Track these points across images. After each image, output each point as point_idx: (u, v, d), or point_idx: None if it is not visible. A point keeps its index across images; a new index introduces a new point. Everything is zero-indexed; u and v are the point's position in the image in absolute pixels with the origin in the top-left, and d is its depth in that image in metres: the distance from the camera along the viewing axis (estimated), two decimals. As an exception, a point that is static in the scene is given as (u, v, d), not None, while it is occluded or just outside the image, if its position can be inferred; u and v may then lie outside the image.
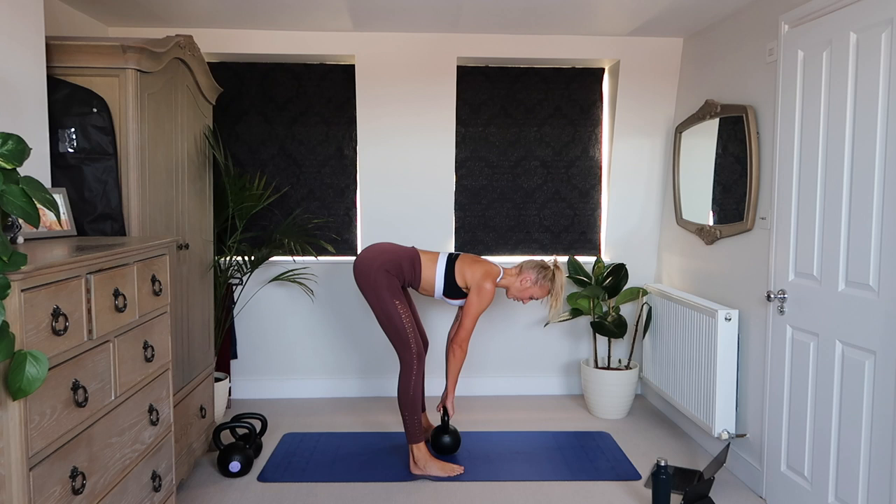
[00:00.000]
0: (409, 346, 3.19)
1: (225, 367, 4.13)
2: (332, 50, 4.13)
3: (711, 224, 3.62)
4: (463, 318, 3.28)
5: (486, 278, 3.27)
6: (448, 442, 3.41)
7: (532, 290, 3.37)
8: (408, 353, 3.19)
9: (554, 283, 3.36)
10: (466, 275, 3.30)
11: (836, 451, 2.58)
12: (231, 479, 3.21)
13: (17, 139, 1.56)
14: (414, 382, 3.21)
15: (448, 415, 3.42)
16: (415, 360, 3.20)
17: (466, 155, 4.45)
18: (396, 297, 3.18)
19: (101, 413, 1.90)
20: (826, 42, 2.62)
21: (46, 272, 1.61)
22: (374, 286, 3.18)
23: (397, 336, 3.19)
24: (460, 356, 3.31)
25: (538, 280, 3.35)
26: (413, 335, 3.20)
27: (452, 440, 3.42)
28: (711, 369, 3.33)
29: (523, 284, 3.36)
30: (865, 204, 2.40)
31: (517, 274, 3.38)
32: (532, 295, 3.38)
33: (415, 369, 3.20)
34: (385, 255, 3.24)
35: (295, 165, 4.39)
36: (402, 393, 3.21)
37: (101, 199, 2.55)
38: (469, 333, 3.29)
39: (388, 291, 3.17)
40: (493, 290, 3.27)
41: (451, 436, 3.42)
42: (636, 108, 4.28)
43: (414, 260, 3.30)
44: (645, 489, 3.14)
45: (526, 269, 3.38)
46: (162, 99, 2.83)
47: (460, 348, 3.29)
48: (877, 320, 2.35)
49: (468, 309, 3.27)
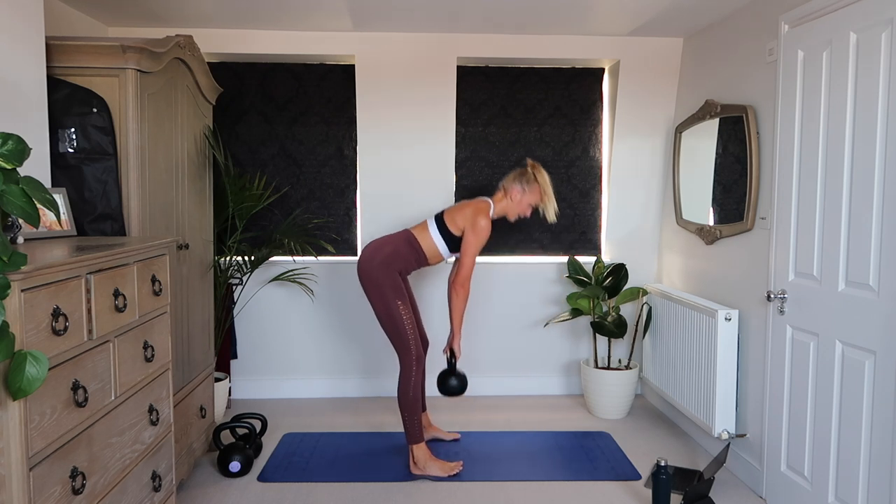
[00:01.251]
0: (409, 348, 3.19)
1: (225, 367, 4.13)
2: (332, 50, 4.13)
3: (711, 224, 3.62)
4: (462, 258, 3.27)
5: (478, 214, 3.26)
6: (455, 385, 3.38)
7: (527, 199, 3.37)
8: (407, 355, 3.19)
9: (539, 182, 3.36)
10: (458, 221, 3.29)
11: (836, 451, 2.58)
12: (231, 479, 3.21)
13: (17, 139, 1.56)
14: (413, 384, 3.21)
15: (455, 357, 3.40)
16: (414, 362, 3.20)
17: (466, 155, 4.45)
18: (399, 298, 3.18)
19: (101, 413, 1.90)
20: (826, 42, 2.62)
21: (46, 272, 1.61)
22: (377, 285, 3.17)
23: (398, 337, 3.18)
24: (463, 296, 3.29)
25: (524, 188, 3.36)
26: (413, 338, 3.20)
27: (459, 383, 3.38)
28: (711, 369, 3.33)
29: (515, 199, 3.37)
30: (865, 204, 2.40)
31: (504, 195, 3.39)
32: (529, 202, 3.39)
33: (414, 371, 3.20)
34: (383, 250, 3.24)
35: (295, 165, 4.39)
36: (401, 394, 3.21)
37: (101, 199, 2.55)
38: (469, 272, 3.27)
39: (392, 291, 3.17)
40: (489, 225, 3.27)
41: (458, 378, 3.39)
42: (636, 108, 4.28)
43: (410, 240, 3.30)
44: (645, 489, 3.14)
45: (509, 185, 3.38)
46: (162, 99, 2.83)
47: (462, 287, 3.28)
48: (877, 320, 2.35)
49: (466, 248, 3.25)
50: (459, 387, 3.39)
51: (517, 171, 3.43)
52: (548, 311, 4.48)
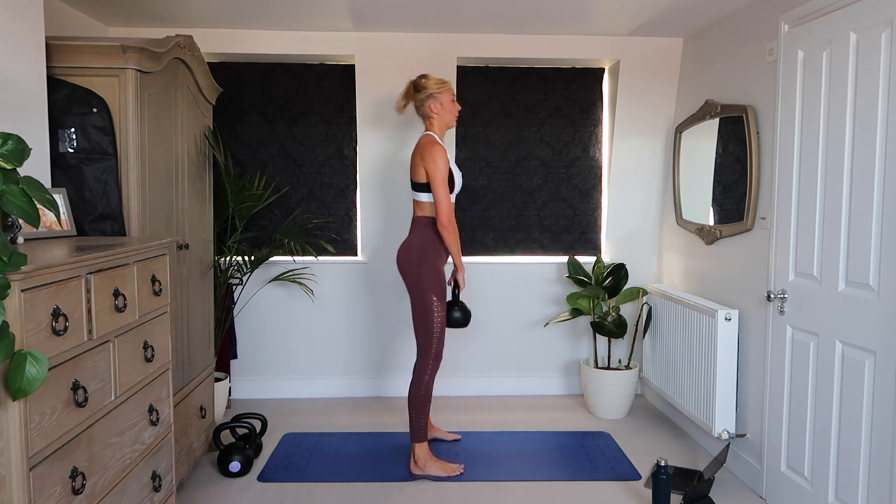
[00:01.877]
0: (431, 344, 3.20)
1: (225, 367, 4.13)
2: (332, 50, 4.13)
3: (711, 224, 3.62)
4: (434, 193, 3.17)
5: (425, 148, 3.19)
6: (458, 316, 3.37)
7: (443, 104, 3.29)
8: (427, 350, 3.21)
9: (433, 83, 3.28)
10: (420, 171, 3.22)
11: (836, 451, 2.58)
12: (231, 479, 3.21)
13: (17, 139, 1.56)
14: (427, 381, 3.22)
15: (458, 288, 3.39)
16: (432, 360, 3.22)
17: (466, 155, 4.45)
18: (436, 294, 3.18)
19: (101, 413, 1.90)
20: (826, 42, 2.62)
21: (46, 272, 1.61)
22: (416, 276, 3.19)
23: (424, 331, 3.20)
24: (452, 231, 3.21)
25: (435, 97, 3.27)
26: (438, 337, 3.21)
27: (463, 314, 3.38)
28: (711, 369, 3.33)
29: (437, 110, 3.29)
30: (865, 204, 2.40)
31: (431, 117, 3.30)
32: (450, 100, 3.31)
33: (429, 369, 3.22)
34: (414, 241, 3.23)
35: (295, 165, 4.39)
36: (413, 390, 3.22)
37: (101, 199, 2.55)
38: (446, 205, 3.17)
39: (430, 285, 3.17)
40: (440, 147, 3.18)
41: (462, 310, 3.38)
42: (636, 108, 4.28)
43: (421, 223, 3.27)
44: (645, 489, 3.14)
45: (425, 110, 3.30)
46: (162, 99, 2.83)
47: (445, 228, 3.19)
48: (877, 320, 2.35)
49: (433, 180, 3.16)
50: (463, 318, 3.38)
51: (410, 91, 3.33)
52: (548, 311, 4.48)
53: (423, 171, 3.20)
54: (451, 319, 3.38)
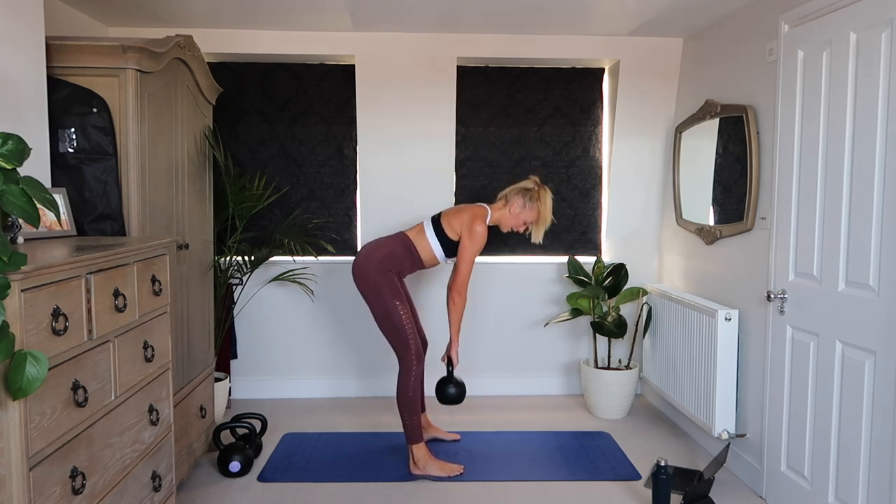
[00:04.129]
0: (409, 345, 3.18)
1: (225, 367, 4.13)
2: (332, 50, 4.13)
3: (711, 224, 3.62)
4: (458, 264, 3.25)
5: (475, 220, 3.24)
6: (453, 393, 3.36)
7: (524, 216, 3.35)
8: (407, 352, 3.19)
9: (542, 203, 3.34)
10: (455, 225, 3.28)
11: (836, 451, 2.58)
12: (231, 479, 3.21)
13: (17, 139, 1.56)
14: (413, 383, 3.20)
15: (452, 365, 3.39)
16: (414, 360, 3.19)
17: (466, 155, 4.45)
18: (396, 297, 3.18)
19: (101, 413, 1.90)
20: (826, 42, 2.62)
21: (46, 272, 1.60)
22: (373, 286, 3.17)
23: (396, 336, 3.18)
24: (460, 303, 3.28)
25: (526, 203, 3.34)
26: (412, 335, 3.19)
27: (457, 391, 3.37)
28: (711, 369, 3.33)
29: (513, 212, 3.34)
30: (865, 204, 2.40)
31: (504, 205, 3.36)
32: (525, 220, 3.37)
33: (414, 369, 3.20)
34: (379, 251, 3.23)
35: (295, 165, 4.39)
36: (401, 393, 3.21)
37: (101, 199, 2.55)
38: (466, 278, 3.25)
39: (388, 291, 3.17)
40: (485, 231, 3.24)
41: (457, 387, 3.37)
42: (636, 108, 4.28)
43: (406, 243, 3.29)
44: (645, 489, 3.14)
45: (511, 196, 3.36)
46: (162, 99, 2.83)
47: (459, 295, 3.26)
48: (877, 320, 2.35)
49: (462, 253, 3.24)
50: (457, 395, 3.38)
51: (523, 185, 3.39)
52: (548, 311, 4.48)
53: (456, 232, 3.26)
54: (446, 396, 3.36)
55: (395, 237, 3.32)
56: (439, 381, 3.41)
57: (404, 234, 3.33)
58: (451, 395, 3.36)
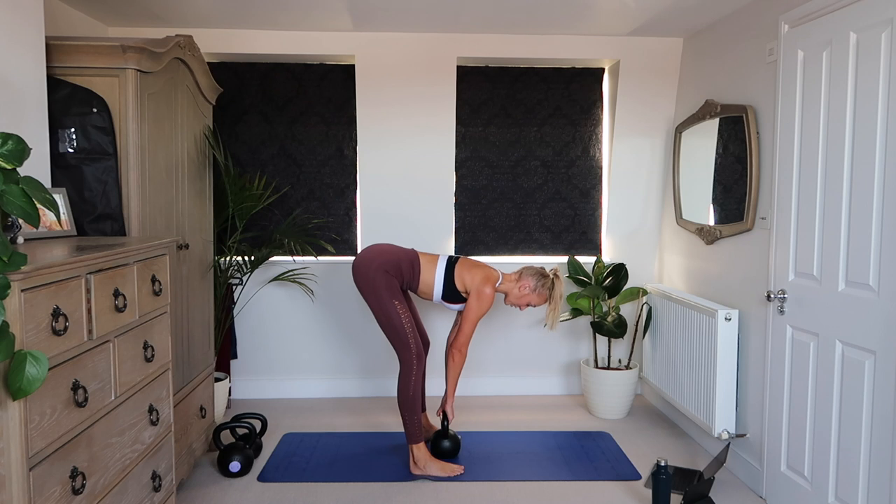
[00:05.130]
0: (409, 346, 3.19)
1: (225, 367, 4.13)
2: (332, 50, 4.13)
3: (711, 224, 3.62)
4: (462, 323, 3.28)
5: (486, 283, 3.26)
6: (448, 447, 3.40)
7: (530, 298, 3.37)
8: (407, 353, 3.19)
9: (553, 293, 3.35)
10: (466, 279, 3.30)
11: (836, 451, 2.58)
12: (231, 479, 3.21)
13: (17, 139, 1.56)
14: (413, 383, 3.20)
15: (448, 419, 3.41)
16: (414, 360, 3.20)
17: (466, 155, 4.45)
18: (396, 298, 3.18)
19: (101, 413, 1.90)
20: (826, 42, 2.62)
21: (46, 272, 1.60)
22: (373, 286, 3.17)
23: (396, 336, 3.18)
24: (460, 361, 3.31)
25: (537, 288, 3.35)
26: (412, 335, 3.19)
27: (452, 445, 3.41)
28: (711, 369, 3.33)
29: (521, 291, 3.36)
30: (865, 204, 2.40)
31: (516, 280, 3.37)
32: (530, 302, 3.38)
33: (414, 369, 3.20)
34: (384, 256, 3.24)
35: (295, 165, 4.39)
36: (401, 393, 3.21)
37: (101, 199, 2.55)
38: (468, 338, 3.28)
39: (388, 291, 3.17)
40: (493, 295, 3.27)
41: (451, 441, 3.41)
42: (636, 108, 4.28)
43: (413, 261, 3.30)
44: (645, 489, 3.14)
45: (525, 275, 3.37)
46: (162, 99, 2.83)
47: (459, 353, 3.29)
48: (877, 320, 2.35)
49: (468, 314, 3.27)
50: (452, 449, 3.42)
51: (541, 269, 3.40)
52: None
53: (465, 286, 3.29)
54: (440, 450, 3.39)
55: (406, 251, 3.32)
56: (435, 433, 3.45)
57: (417, 253, 3.34)
58: (446, 448, 3.40)
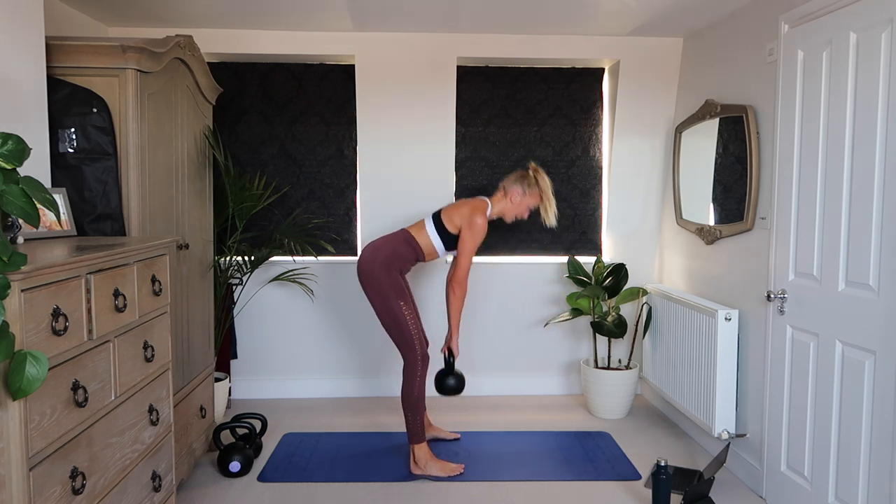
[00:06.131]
0: (414, 347, 3.19)
1: (225, 367, 4.13)
2: (332, 50, 4.13)
3: (712, 224, 3.62)
4: (459, 257, 3.27)
5: (475, 213, 3.26)
6: (453, 384, 3.37)
7: (526, 201, 3.38)
8: (412, 354, 3.19)
9: (540, 186, 3.37)
10: (455, 219, 3.29)
11: (836, 451, 2.58)
12: (231, 479, 3.21)
13: (17, 139, 1.56)
14: (418, 384, 3.21)
15: (453, 356, 3.40)
16: (419, 361, 3.20)
17: (466, 155, 4.45)
18: (401, 298, 3.18)
19: (101, 413, 1.90)
20: (826, 42, 2.62)
21: (46, 272, 1.60)
22: (378, 287, 3.17)
23: (401, 337, 3.18)
24: (460, 294, 3.29)
25: (525, 190, 3.36)
26: (418, 336, 3.20)
27: (457, 382, 3.38)
28: (711, 369, 3.33)
29: (514, 201, 3.37)
30: (865, 204, 2.40)
31: (504, 196, 3.39)
32: (528, 205, 3.40)
33: (419, 370, 3.20)
34: (383, 251, 3.23)
35: (295, 165, 4.39)
36: (405, 393, 3.21)
37: (101, 199, 2.55)
38: (466, 271, 3.26)
39: (393, 291, 3.17)
40: (485, 224, 3.27)
41: (456, 378, 3.38)
42: (636, 108, 4.28)
43: (408, 239, 3.29)
44: (645, 489, 3.14)
45: (510, 186, 3.38)
46: (162, 99, 2.83)
47: (459, 286, 3.28)
48: (877, 320, 2.35)
49: (462, 246, 3.25)
50: (457, 386, 3.38)
51: (518, 172, 3.43)
52: (548, 311, 4.48)
53: (456, 226, 3.27)
54: (445, 387, 3.37)
55: (396, 234, 3.32)
56: (438, 371, 3.41)
57: (406, 230, 3.34)
58: (451, 386, 3.37)
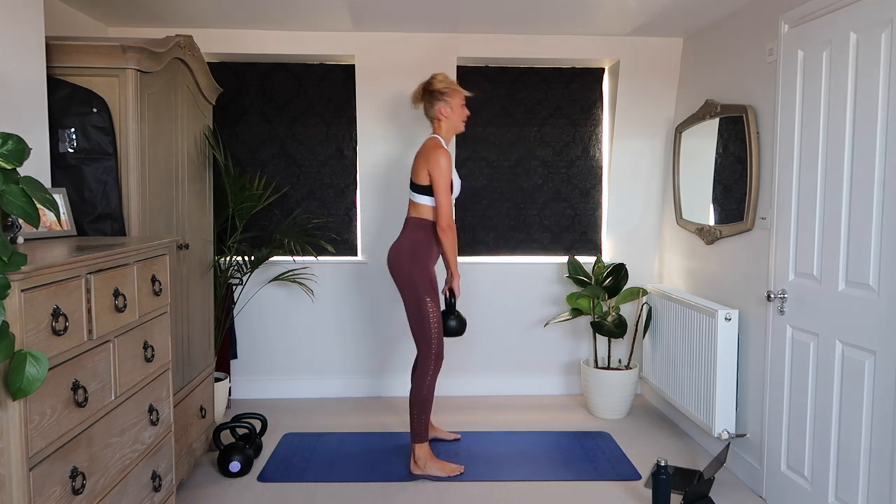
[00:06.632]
0: (431, 343, 3.20)
1: (225, 367, 4.13)
2: (332, 50, 4.13)
3: (712, 224, 3.62)
4: (436, 198, 3.17)
5: (430, 151, 3.18)
6: (455, 326, 3.35)
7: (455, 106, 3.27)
8: (427, 348, 3.20)
9: (446, 86, 3.25)
10: (422, 173, 3.20)
11: (836, 451, 2.58)
12: (231, 479, 3.21)
13: (17, 139, 1.56)
14: (429, 382, 3.21)
15: (454, 296, 3.38)
16: (433, 358, 3.21)
17: (466, 155, 4.45)
18: (429, 295, 3.18)
19: (101, 413, 1.90)
20: (826, 42, 2.62)
21: (46, 272, 1.60)
22: (410, 280, 3.17)
23: (422, 331, 3.19)
24: (451, 235, 3.21)
25: (445, 100, 3.26)
26: (437, 336, 3.20)
27: (459, 324, 3.36)
28: (711, 369, 3.33)
29: (447, 114, 3.27)
30: (865, 204, 2.40)
31: (440, 120, 3.28)
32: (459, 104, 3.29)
33: (431, 368, 3.21)
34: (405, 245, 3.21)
35: (295, 165, 4.39)
36: (415, 390, 3.22)
37: (101, 199, 2.55)
38: (448, 209, 3.17)
39: (422, 287, 3.17)
40: (446, 154, 3.17)
41: (458, 320, 3.36)
42: (636, 108, 4.28)
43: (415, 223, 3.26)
44: (645, 489, 3.14)
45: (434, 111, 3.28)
46: (162, 99, 2.83)
47: (447, 229, 3.19)
48: (877, 320, 2.35)
49: (435, 185, 3.16)
50: (458, 327, 3.36)
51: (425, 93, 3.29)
52: (548, 311, 4.48)
53: (426, 174, 3.20)
54: (446, 329, 3.35)
55: (405, 225, 3.30)
56: (441, 312, 3.34)
57: (407, 217, 3.32)
58: (452, 327, 3.34)
